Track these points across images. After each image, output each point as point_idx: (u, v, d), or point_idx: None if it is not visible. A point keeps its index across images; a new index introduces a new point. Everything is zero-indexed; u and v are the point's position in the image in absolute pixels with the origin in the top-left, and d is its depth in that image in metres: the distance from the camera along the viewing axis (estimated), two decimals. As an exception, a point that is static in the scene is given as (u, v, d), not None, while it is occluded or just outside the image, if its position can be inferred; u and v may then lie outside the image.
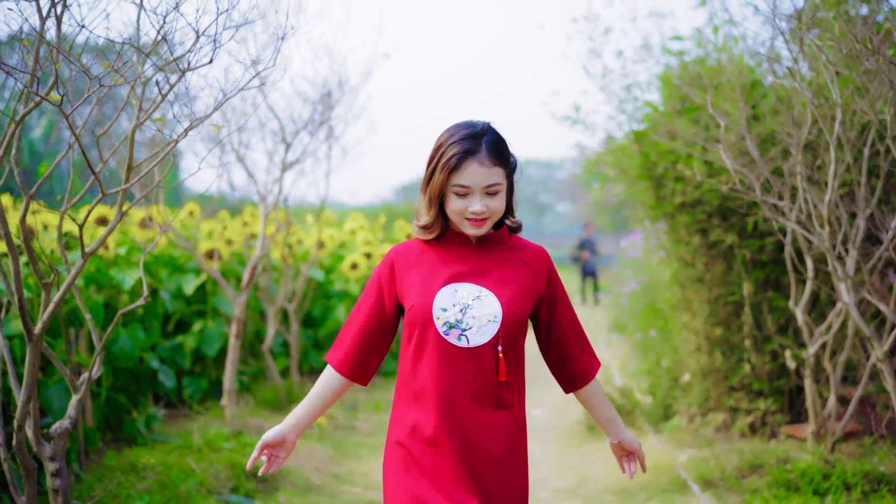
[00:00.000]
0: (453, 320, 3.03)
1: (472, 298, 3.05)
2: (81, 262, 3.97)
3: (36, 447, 4.19)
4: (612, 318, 15.97)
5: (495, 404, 3.07)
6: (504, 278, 3.12)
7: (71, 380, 4.33)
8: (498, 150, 3.06)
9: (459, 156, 3.00)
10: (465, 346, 3.02)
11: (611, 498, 6.47)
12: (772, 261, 7.72)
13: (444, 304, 3.04)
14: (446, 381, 3.03)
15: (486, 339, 3.03)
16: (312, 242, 10.55)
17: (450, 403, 3.03)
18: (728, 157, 6.14)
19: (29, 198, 3.89)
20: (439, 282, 3.08)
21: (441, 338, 3.03)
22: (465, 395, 3.03)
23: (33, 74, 3.69)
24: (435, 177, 3.05)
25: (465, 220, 3.06)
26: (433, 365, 3.04)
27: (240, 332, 7.77)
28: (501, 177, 3.06)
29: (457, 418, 3.03)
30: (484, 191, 3.02)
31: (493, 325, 3.03)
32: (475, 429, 3.04)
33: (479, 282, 3.08)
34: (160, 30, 3.93)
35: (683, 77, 7.61)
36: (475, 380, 3.04)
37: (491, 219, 3.07)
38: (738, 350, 7.96)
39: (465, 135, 3.03)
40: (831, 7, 5.96)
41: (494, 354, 3.04)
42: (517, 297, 3.09)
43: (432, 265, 3.14)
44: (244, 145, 8.20)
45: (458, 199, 3.03)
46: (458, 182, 3.00)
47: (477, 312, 3.03)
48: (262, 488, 6.38)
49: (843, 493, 5.95)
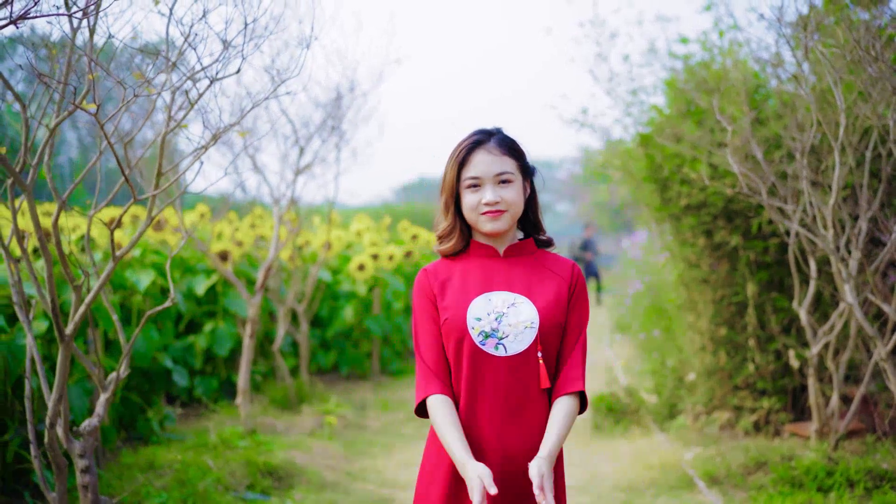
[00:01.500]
0: (489, 329, 2.95)
1: (507, 306, 2.98)
2: (112, 266, 4.10)
3: (66, 444, 4.32)
4: (616, 318, 16.07)
5: (535, 415, 2.98)
6: (537, 285, 3.05)
7: (99, 379, 4.45)
8: (508, 143, 3.06)
9: (468, 148, 3.01)
10: (502, 355, 2.94)
11: (619, 495, 6.59)
12: (776, 262, 7.84)
13: (478, 314, 2.97)
14: (484, 394, 2.95)
15: (524, 346, 2.95)
16: (320, 244, 10.66)
17: (489, 417, 2.95)
18: (734, 161, 6.26)
19: (62, 203, 4.02)
20: (473, 292, 3.02)
21: (477, 348, 2.95)
22: (506, 407, 2.95)
23: (65, 83, 3.82)
24: (447, 177, 3.05)
25: (480, 217, 3.02)
26: (471, 380, 2.96)
27: (254, 332, 7.90)
28: (513, 168, 3.03)
29: (496, 432, 2.95)
30: (495, 179, 2.99)
31: (530, 332, 2.95)
32: (516, 441, 2.95)
33: (513, 289, 3.02)
34: (186, 38, 4.07)
35: (689, 81, 7.73)
36: (515, 390, 2.95)
37: (509, 213, 3.02)
38: (743, 350, 8.08)
39: (475, 132, 3.06)
40: (834, 13, 6.06)
41: (535, 361, 2.96)
42: (552, 302, 3.02)
43: (463, 277, 3.08)
44: (256, 149, 8.32)
45: (471, 194, 3.01)
46: (469, 174, 3.00)
47: (513, 320, 2.96)
48: (278, 486, 6.51)
49: (846, 489, 6.06)
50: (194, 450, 6.85)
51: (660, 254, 10.04)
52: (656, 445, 7.81)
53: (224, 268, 8.07)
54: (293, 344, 10.80)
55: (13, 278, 4.34)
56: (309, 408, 8.94)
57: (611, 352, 14.11)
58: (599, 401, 8.85)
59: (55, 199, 4.08)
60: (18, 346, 5.73)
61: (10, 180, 4.00)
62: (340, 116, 8.67)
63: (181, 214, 6.93)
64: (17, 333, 5.88)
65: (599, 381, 10.06)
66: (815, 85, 6.54)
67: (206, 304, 9.44)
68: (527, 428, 2.97)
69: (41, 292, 4.26)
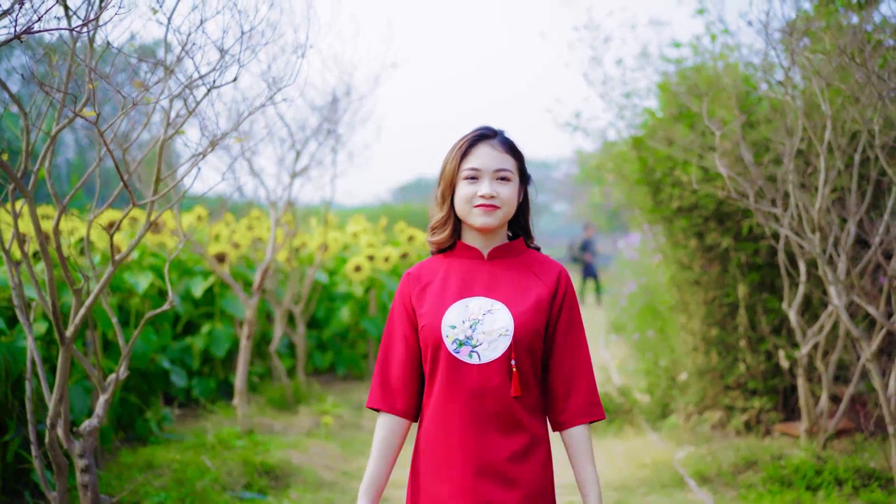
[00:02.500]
0: (463, 337, 2.92)
1: (482, 313, 2.94)
2: (112, 269, 4.18)
3: (66, 444, 4.41)
4: (611, 318, 16.15)
5: (510, 425, 2.92)
6: (517, 290, 3.00)
7: (99, 380, 4.54)
8: (511, 144, 3.05)
9: (471, 140, 3.00)
10: (476, 362, 2.91)
11: (611, 493, 6.67)
12: (766, 264, 7.94)
13: (453, 322, 2.94)
14: (459, 402, 2.91)
15: (498, 354, 2.91)
16: (316, 245, 10.74)
17: (462, 426, 2.91)
18: (723, 165, 6.34)
19: (62, 207, 4.10)
20: (450, 298, 2.99)
21: (452, 357, 2.92)
22: (480, 415, 2.91)
23: (65, 91, 3.91)
24: (447, 167, 3.02)
25: (473, 210, 2.97)
26: (445, 388, 2.93)
27: (251, 334, 7.98)
28: (513, 167, 3.01)
29: (470, 441, 2.90)
30: (494, 175, 2.97)
31: (504, 339, 2.91)
32: (492, 452, 2.90)
33: (491, 294, 2.98)
34: (184, 46, 4.15)
35: (681, 85, 7.81)
36: (488, 398, 2.90)
37: (502, 210, 2.98)
38: (734, 350, 8.17)
39: (481, 127, 3.06)
40: (825, 17, 6.13)
41: (507, 369, 2.90)
42: (530, 308, 2.96)
43: (444, 282, 3.04)
44: (253, 152, 8.40)
45: (467, 185, 2.97)
46: (469, 165, 2.97)
47: (487, 327, 2.92)
48: (275, 485, 6.59)
49: (834, 488, 6.16)
50: (192, 450, 6.94)
51: (653, 255, 10.12)
52: (649, 445, 7.91)
53: (221, 270, 8.15)
54: (290, 345, 10.88)
55: (14, 281, 4.43)
56: (306, 408, 9.03)
57: (606, 352, 14.20)
58: (593, 400, 8.92)
59: (56, 204, 4.17)
60: (18, 347, 5.81)
61: (11, 185, 4.09)
62: (337, 120, 8.76)
63: (179, 217, 7.01)
64: (17, 335, 5.96)
65: (594, 382, 10.12)
66: (804, 89, 6.62)
67: (203, 306, 9.52)
68: (502, 435, 2.92)
69: (41, 295, 4.35)
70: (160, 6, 4.09)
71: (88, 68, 3.82)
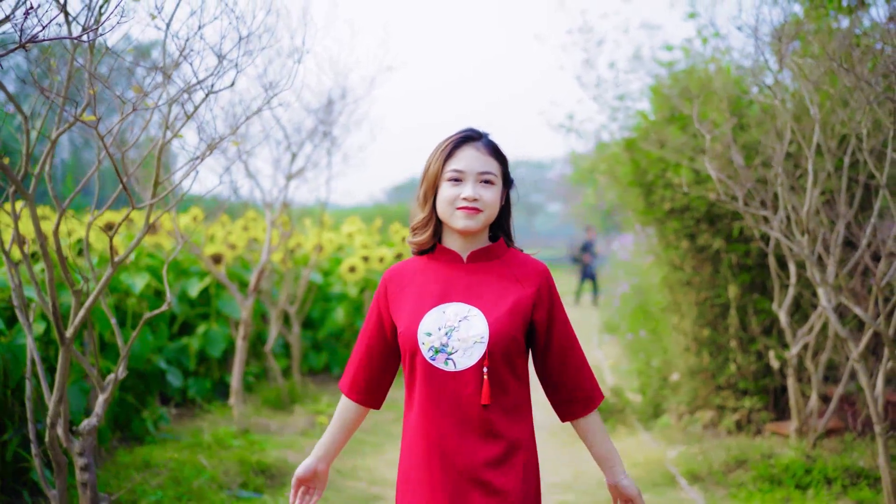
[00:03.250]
0: (438, 344, 2.91)
1: (458, 319, 2.93)
2: (111, 271, 4.25)
3: (66, 443, 4.48)
4: (605, 318, 16.23)
5: (486, 432, 2.91)
6: (495, 295, 2.98)
7: (98, 380, 4.61)
8: (495, 147, 3.03)
9: (456, 142, 2.99)
10: (452, 370, 2.90)
11: (604, 492, 6.74)
12: (757, 265, 8.01)
13: (429, 329, 2.93)
14: (437, 409, 2.91)
15: (473, 361, 2.89)
16: (311, 246, 10.81)
17: (440, 433, 2.91)
18: (713, 168, 6.42)
19: (62, 210, 4.17)
20: (428, 304, 2.98)
21: (428, 364, 2.92)
22: (455, 424, 2.90)
23: (65, 96, 3.98)
24: (430, 168, 3.00)
25: (455, 212, 2.96)
26: (422, 395, 2.93)
27: (247, 334, 8.05)
28: (497, 171, 3.00)
29: (449, 449, 2.91)
30: (478, 177, 2.95)
31: (479, 347, 2.89)
32: (466, 459, 2.90)
33: (469, 300, 2.97)
34: (182, 51, 4.22)
35: (673, 87, 7.89)
36: (465, 406, 2.90)
37: (484, 213, 2.96)
38: (725, 350, 8.25)
39: (465, 129, 3.04)
40: (816, 20, 6.20)
41: (480, 377, 2.89)
42: (508, 314, 2.94)
43: (423, 285, 3.04)
44: (249, 154, 8.46)
45: (450, 187, 2.96)
46: (453, 167, 2.95)
47: (463, 334, 2.91)
48: (271, 484, 6.66)
49: (823, 486, 6.24)
50: (189, 449, 7.00)
51: (646, 256, 10.20)
52: (641, 444, 7.99)
53: (217, 270, 8.22)
54: (285, 345, 10.94)
55: (14, 282, 4.50)
56: (301, 408, 9.09)
57: (600, 352, 14.28)
58: (586, 401, 8.99)
59: (56, 207, 4.24)
60: (17, 347, 5.86)
61: (11, 188, 4.16)
62: (332, 122, 8.82)
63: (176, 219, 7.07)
64: (15, 335, 6.02)
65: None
66: (794, 91, 6.69)
67: (199, 306, 9.58)
68: (481, 443, 2.90)
69: (41, 296, 4.42)
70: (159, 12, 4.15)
71: (89, 73, 3.89)
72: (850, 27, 6.18)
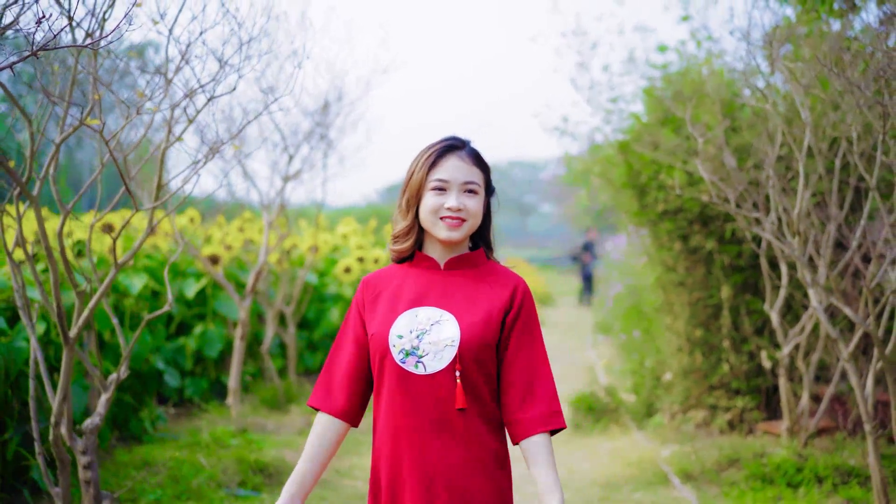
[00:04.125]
0: (409, 347, 2.89)
1: (430, 323, 2.91)
2: (114, 273, 4.32)
3: (69, 442, 4.55)
4: (598, 319, 16.31)
5: (457, 437, 2.87)
6: (469, 301, 2.97)
7: (100, 380, 4.68)
8: (479, 156, 3.01)
9: (440, 151, 2.95)
10: (422, 373, 2.87)
11: (597, 490, 6.82)
12: (749, 266, 8.09)
13: (400, 331, 2.91)
14: (406, 413, 2.88)
15: (443, 364, 2.86)
16: (307, 247, 10.87)
17: (409, 438, 2.88)
18: (705, 171, 6.49)
19: (66, 213, 4.24)
20: (401, 307, 2.96)
21: (398, 366, 2.89)
22: (426, 427, 2.87)
23: (69, 101, 4.05)
24: (414, 177, 2.97)
25: (439, 222, 2.94)
26: (392, 398, 2.90)
27: (245, 334, 8.11)
28: (480, 180, 2.98)
29: (418, 454, 2.87)
30: (462, 187, 2.93)
31: (450, 350, 2.87)
32: (438, 464, 2.86)
33: (442, 305, 2.95)
34: (184, 56, 4.30)
35: (666, 89, 7.95)
36: (435, 410, 2.86)
37: (468, 223, 2.95)
38: (718, 351, 8.33)
39: (449, 137, 3.01)
40: (806, 24, 6.26)
41: (453, 381, 2.86)
42: (480, 319, 2.92)
43: (398, 290, 3.02)
44: (246, 155, 8.52)
45: (434, 196, 2.92)
46: (438, 176, 2.93)
47: (434, 337, 2.88)
48: (268, 482, 6.73)
49: (814, 485, 6.32)
50: (187, 448, 7.07)
51: (639, 257, 10.27)
52: (634, 443, 8.07)
53: (215, 271, 8.28)
54: (281, 345, 11.00)
55: (17, 283, 4.56)
56: (297, 407, 9.15)
57: (593, 352, 14.37)
58: (580, 400, 9.09)
59: (60, 209, 4.31)
60: (17, 347, 5.93)
61: (16, 190, 4.23)
62: (328, 124, 8.89)
63: (174, 221, 7.14)
64: (16, 335, 6.08)
65: (581, 381, 10.29)
66: (785, 94, 6.76)
67: (195, 307, 9.64)
68: (448, 447, 2.86)
69: (45, 297, 4.49)
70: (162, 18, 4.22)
71: (93, 78, 3.96)
72: (842, 30, 6.24)
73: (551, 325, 19.30)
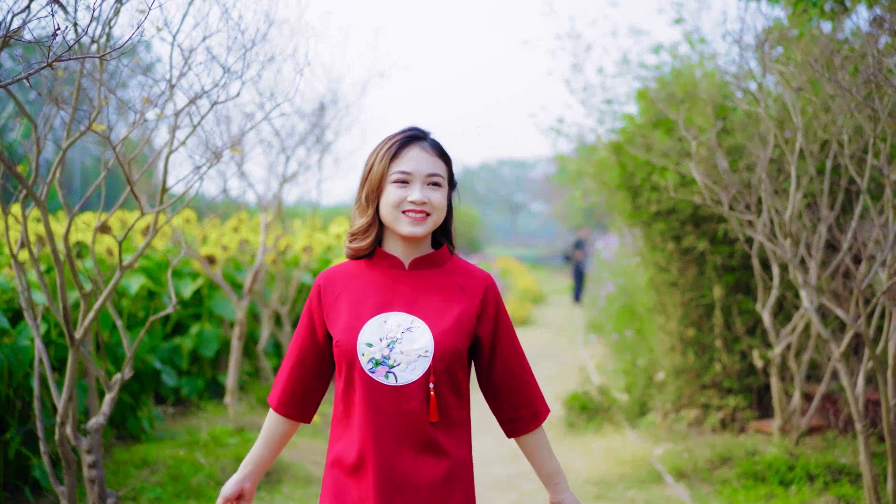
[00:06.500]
0: (379, 356, 2.74)
1: (401, 331, 2.77)
2: (119, 275, 4.39)
3: (74, 441, 4.61)
4: (589, 318, 16.38)
5: (429, 450, 2.77)
6: (440, 306, 2.83)
7: (104, 380, 4.74)
8: (441, 147, 2.88)
9: (401, 142, 2.82)
10: (393, 384, 2.74)
11: (591, 488, 6.90)
12: (741, 266, 8.17)
13: (369, 339, 2.76)
14: (374, 426, 2.74)
15: (416, 376, 2.74)
16: (301, 247, 10.93)
17: (378, 451, 2.74)
18: (699, 173, 6.56)
19: (72, 216, 4.30)
20: (367, 312, 2.81)
21: (367, 377, 2.74)
22: (395, 440, 2.74)
23: (75, 107, 4.11)
24: (374, 169, 2.82)
25: (401, 216, 2.79)
26: (360, 409, 2.76)
27: (242, 334, 8.17)
28: (444, 172, 2.85)
29: (387, 468, 2.74)
30: (426, 180, 2.80)
31: (423, 361, 2.74)
32: (408, 479, 2.75)
33: (411, 310, 2.81)
34: (187, 60, 4.36)
35: (660, 91, 8.02)
36: (406, 423, 2.74)
37: (432, 217, 2.82)
38: (710, 350, 8.41)
39: (407, 129, 2.88)
40: (799, 26, 6.32)
41: (425, 393, 2.75)
42: (452, 327, 2.80)
43: (361, 292, 2.86)
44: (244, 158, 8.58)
45: (396, 189, 2.78)
46: (400, 168, 2.78)
47: (406, 347, 2.75)
48: (266, 481, 6.79)
49: (806, 483, 6.40)
50: (186, 447, 7.14)
51: (632, 257, 10.34)
52: (627, 442, 8.15)
53: (212, 271, 8.34)
54: (276, 344, 11.06)
55: (22, 284, 4.63)
56: (293, 407, 9.19)
57: (585, 352, 14.44)
58: (573, 399, 9.17)
59: (66, 212, 4.37)
60: (20, 347, 5.97)
61: (23, 193, 4.29)
62: (324, 126, 8.95)
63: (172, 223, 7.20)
64: (18, 336, 6.13)
65: (573, 381, 10.36)
66: (777, 96, 6.83)
67: (192, 307, 9.69)
68: (420, 462, 2.77)
69: (50, 299, 4.55)
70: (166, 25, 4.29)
71: (99, 83, 4.02)
72: (833, 33, 6.30)
73: (543, 325, 19.38)
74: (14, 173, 3.96)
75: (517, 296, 23.48)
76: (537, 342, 16.01)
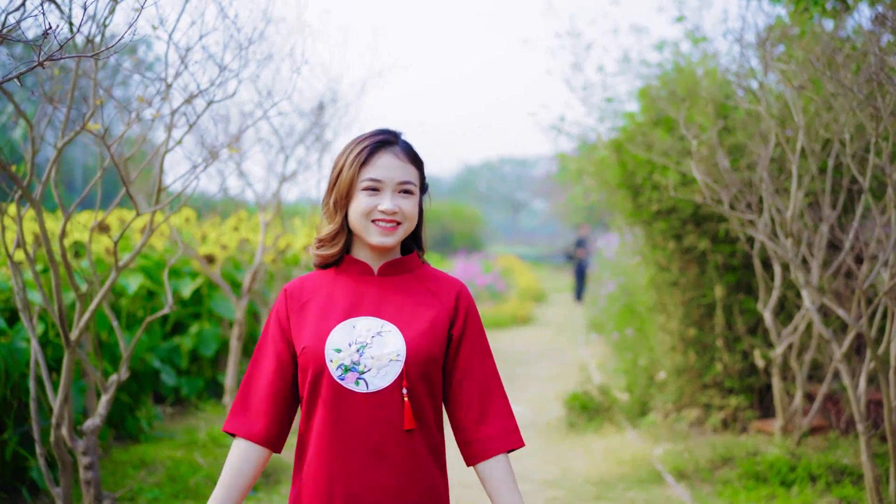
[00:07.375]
0: (349, 362, 2.59)
1: (371, 336, 2.63)
2: (115, 275, 4.36)
3: (70, 443, 4.59)
4: (591, 317, 16.36)
5: (401, 459, 2.61)
6: (410, 310, 2.70)
7: (101, 381, 4.72)
8: (413, 151, 2.75)
9: (372, 147, 2.66)
10: (363, 391, 2.59)
11: (591, 489, 6.87)
12: (742, 265, 8.14)
13: (338, 345, 2.62)
14: (340, 436, 2.59)
15: (388, 381, 2.59)
16: (301, 246, 10.90)
17: (345, 462, 2.59)
18: (699, 172, 6.53)
19: (68, 215, 4.27)
20: (335, 318, 2.67)
21: (336, 384, 2.59)
22: (366, 450, 2.59)
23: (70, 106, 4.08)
24: (343, 175, 2.67)
25: (371, 226, 2.66)
26: (326, 417, 2.60)
27: (242, 334, 8.15)
28: (416, 179, 2.72)
29: (355, 480, 2.59)
30: (397, 188, 2.66)
31: (395, 365, 2.60)
32: (377, 490, 2.60)
33: (381, 314, 2.67)
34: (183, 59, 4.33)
35: (661, 89, 7.98)
36: (377, 431, 2.59)
37: (403, 226, 2.68)
38: (711, 350, 8.38)
39: (377, 132, 2.72)
40: (800, 24, 6.30)
41: (399, 399, 2.60)
42: (425, 331, 2.67)
43: (328, 299, 2.72)
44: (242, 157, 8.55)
45: (366, 197, 2.64)
46: (370, 175, 2.64)
47: (376, 351, 2.60)
48: (265, 481, 6.76)
49: (808, 483, 6.37)
50: (184, 447, 7.12)
51: (632, 256, 10.31)
52: (628, 442, 8.12)
53: (212, 271, 8.31)
54: (275, 344, 11.02)
55: (17, 285, 4.60)
56: (292, 407, 9.17)
57: (585, 351, 14.41)
58: (573, 399, 9.14)
59: (62, 212, 4.34)
60: (17, 348, 5.95)
61: (18, 193, 4.26)
62: (323, 125, 8.92)
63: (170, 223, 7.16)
64: (15, 336, 6.11)
65: (574, 380, 10.34)
66: (779, 95, 6.80)
67: (191, 306, 9.67)
68: (387, 472, 2.61)
69: (46, 299, 4.52)
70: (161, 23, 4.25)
71: (94, 82, 3.99)
72: (834, 31, 6.27)
73: (544, 323, 19.36)
74: (9, 173, 3.93)
75: (518, 294, 23.45)
76: (538, 341, 15.98)
